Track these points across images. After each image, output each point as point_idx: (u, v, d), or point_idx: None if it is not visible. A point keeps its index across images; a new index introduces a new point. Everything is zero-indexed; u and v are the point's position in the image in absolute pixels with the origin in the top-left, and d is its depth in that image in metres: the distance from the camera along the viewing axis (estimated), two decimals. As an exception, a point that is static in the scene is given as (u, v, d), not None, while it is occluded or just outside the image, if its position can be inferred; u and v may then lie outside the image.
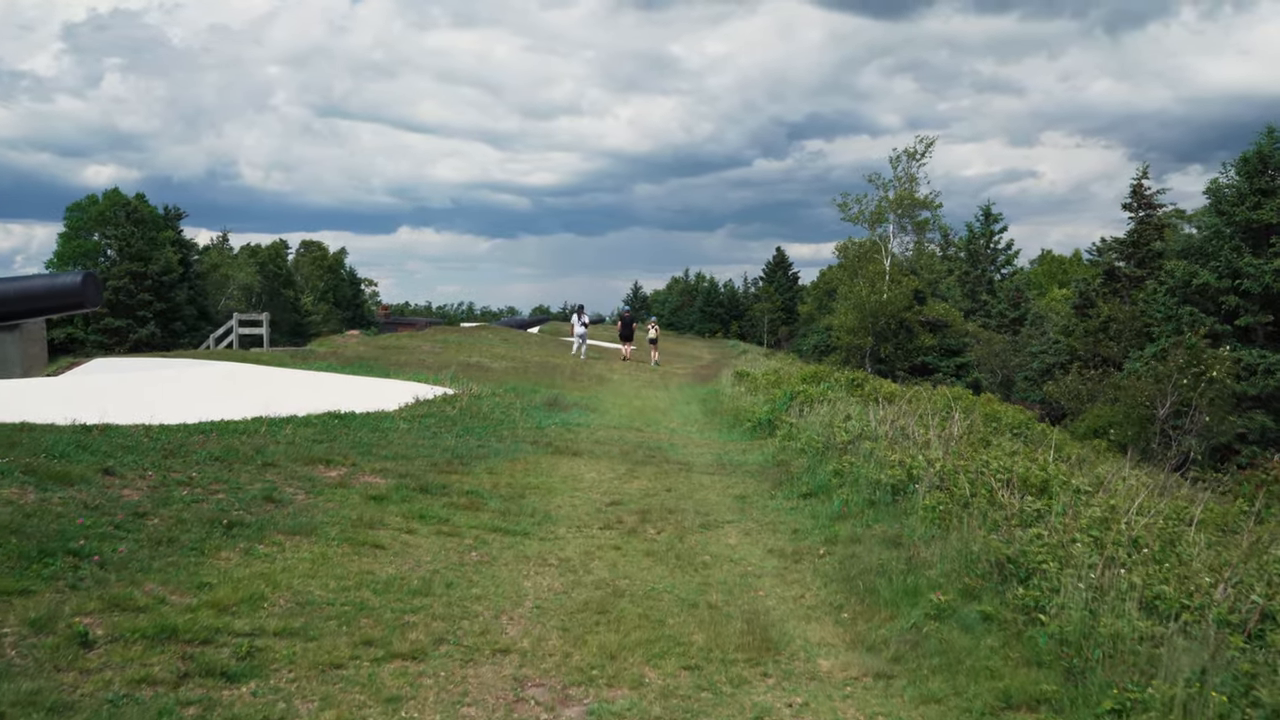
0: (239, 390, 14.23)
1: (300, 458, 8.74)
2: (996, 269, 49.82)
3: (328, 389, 15.50)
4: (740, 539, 7.63)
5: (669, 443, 12.60)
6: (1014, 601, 5.80)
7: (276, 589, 5.27)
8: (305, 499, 7.32)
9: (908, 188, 31.15)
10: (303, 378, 17.10)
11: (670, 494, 9.00)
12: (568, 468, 9.82)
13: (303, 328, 73.66)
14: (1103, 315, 32.67)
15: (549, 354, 31.93)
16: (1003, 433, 14.19)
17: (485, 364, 24.13)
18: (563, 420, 13.97)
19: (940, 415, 13.86)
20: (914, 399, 14.09)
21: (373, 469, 8.62)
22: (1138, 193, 34.49)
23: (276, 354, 24.14)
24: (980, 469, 9.03)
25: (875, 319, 30.29)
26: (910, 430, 11.04)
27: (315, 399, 13.27)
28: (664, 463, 10.77)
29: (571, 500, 8.34)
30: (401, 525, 6.82)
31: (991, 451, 10.31)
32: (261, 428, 10.20)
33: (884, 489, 8.79)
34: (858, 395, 14.35)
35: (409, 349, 27.73)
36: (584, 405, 16.63)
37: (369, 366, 20.64)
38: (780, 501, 9.04)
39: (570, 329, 35.02)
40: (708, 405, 19.06)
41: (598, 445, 11.65)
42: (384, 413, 12.20)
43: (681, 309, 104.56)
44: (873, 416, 11.70)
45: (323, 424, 10.92)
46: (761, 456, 11.43)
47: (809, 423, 12.22)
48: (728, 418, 16.20)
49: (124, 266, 56.62)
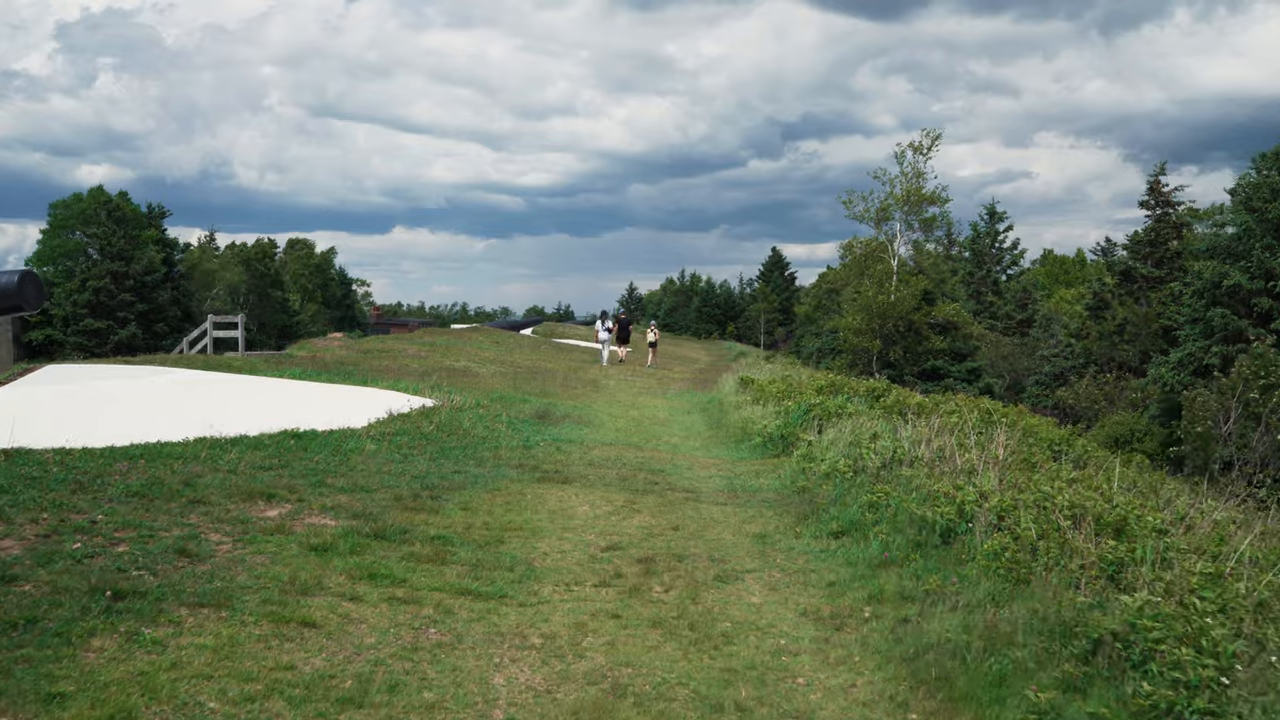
0: (191, 403, 12.82)
1: (237, 491, 7.34)
2: (1002, 269, 48.48)
3: (293, 400, 14.09)
4: (765, 595, 6.24)
5: (671, 463, 11.21)
6: (1139, 702, 4.43)
7: (155, 699, 3.87)
8: (230, 550, 5.92)
9: (915, 183, 29.81)
10: (269, 387, 15.68)
11: (677, 533, 7.61)
12: (557, 500, 8.42)
13: (291, 329, 72.12)
14: (1118, 318, 31.34)
15: (541, 358, 30.53)
16: (1040, 450, 12.83)
17: (472, 369, 22.73)
18: (553, 436, 12.58)
19: (976, 432, 12.51)
20: (943, 412, 12.72)
21: (323, 505, 7.22)
22: (1155, 190, 33.09)
23: (250, 358, 22.70)
24: (1042, 502, 7.67)
25: (883, 320, 28.93)
26: (949, 452, 9.67)
27: (275, 413, 11.87)
28: (668, 490, 9.38)
29: (560, 545, 6.94)
30: (344, 589, 5.42)
31: (1045, 478, 8.95)
32: (202, 451, 8.80)
33: (931, 528, 7.42)
34: (880, 408, 12.98)
35: (393, 353, 26.31)
36: (577, 417, 15.24)
37: (346, 373, 19.24)
38: (807, 542, 7.65)
39: (595, 334, 33.52)
40: (710, 416, 17.68)
41: (592, 469, 10.25)
42: (350, 430, 10.79)
43: (677, 310, 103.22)
44: (905, 435, 10.32)
45: (276, 446, 9.52)
46: (778, 481, 10.05)
47: (830, 441, 10.84)
48: (734, 431, 14.82)
49: (105, 266, 55.06)
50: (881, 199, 30.39)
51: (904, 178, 29.89)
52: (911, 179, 29.72)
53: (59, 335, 53.46)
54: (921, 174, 29.88)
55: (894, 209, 30.22)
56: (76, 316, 53.70)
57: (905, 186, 29.74)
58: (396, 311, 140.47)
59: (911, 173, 29.77)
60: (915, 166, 29.86)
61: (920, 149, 30.21)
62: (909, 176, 29.79)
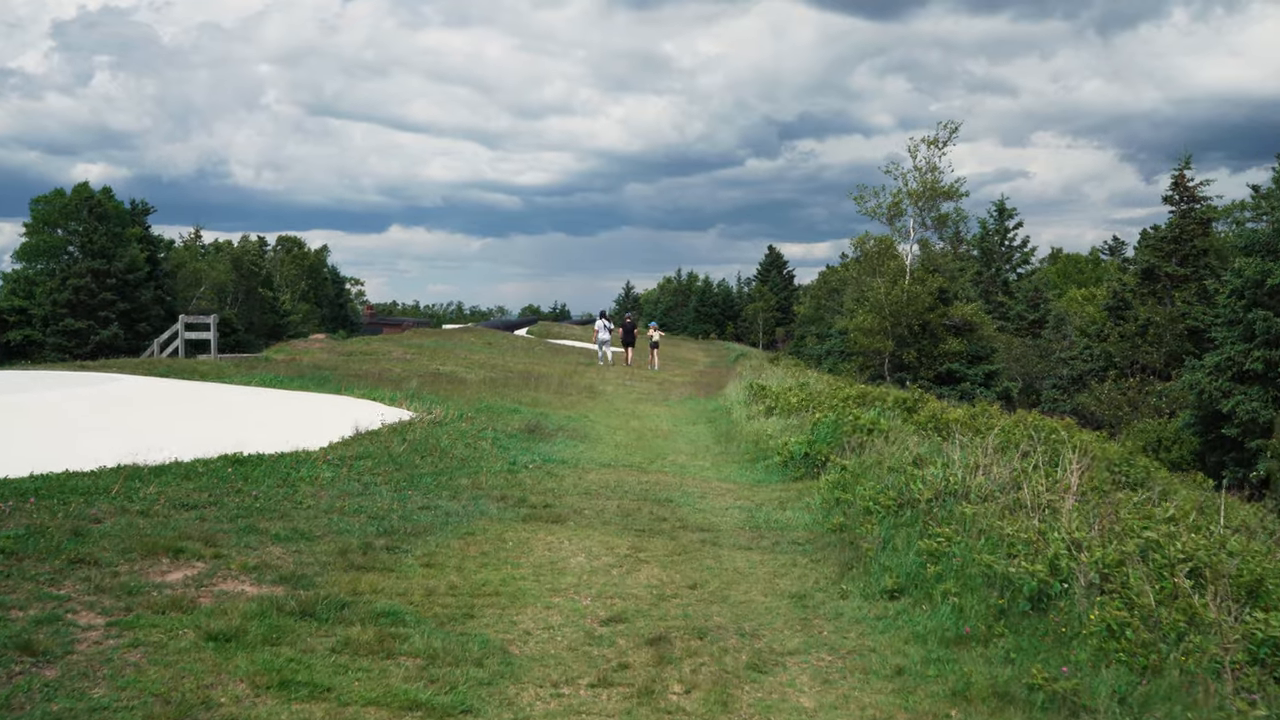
0: (132, 418, 11.26)
1: (139, 544, 5.79)
2: (1012, 268, 46.93)
3: (251, 413, 12.53)
4: (818, 693, 4.71)
5: (680, 489, 9.67)
6: None
7: None
8: (98, 641, 4.38)
9: (930, 177, 28.27)
10: (229, 397, 14.11)
11: (695, 593, 6.07)
12: (545, 547, 6.87)
13: (281, 328, 70.46)
14: (1140, 318, 29.83)
15: (534, 361, 28.98)
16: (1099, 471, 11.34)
17: (459, 374, 21.18)
18: (544, 455, 11.04)
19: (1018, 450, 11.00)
20: (984, 428, 11.20)
21: (245, 564, 5.67)
22: (1179, 184, 31.50)
23: (222, 362, 21.15)
24: (1149, 552, 6.17)
25: (895, 320, 27.36)
26: (1012, 480, 8.14)
27: (225, 430, 10.32)
28: (679, 528, 7.84)
29: (547, 616, 5.40)
30: (240, 709, 3.87)
31: (1136, 515, 7.42)
32: (115, 484, 7.24)
33: (1015, 589, 5.90)
34: (914, 423, 11.44)
35: (376, 355, 24.76)
36: (571, 430, 13.70)
37: (322, 379, 17.68)
38: (857, 604, 6.12)
39: (594, 335, 32.15)
40: (718, 427, 16.14)
41: (588, 499, 8.70)
42: (304, 454, 9.23)
43: (674, 309, 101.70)
44: (955, 459, 8.78)
45: (210, 475, 7.97)
46: (808, 515, 8.51)
47: (866, 465, 9.30)
48: (746, 446, 13.29)
49: (86, 264, 53.36)
50: (894, 193, 28.87)
51: (918, 172, 28.36)
52: (926, 172, 28.20)
53: (38, 335, 51.78)
54: (936, 168, 28.40)
55: (907, 204, 28.67)
56: (56, 316, 52.01)
57: (920, 180, 28.20)
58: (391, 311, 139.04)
59: (925, 166, 28.27)
60: (930, 160, 28.37)
61: (936, 143, 28.71)
62: (923, 170, 28.28)
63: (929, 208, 28.83)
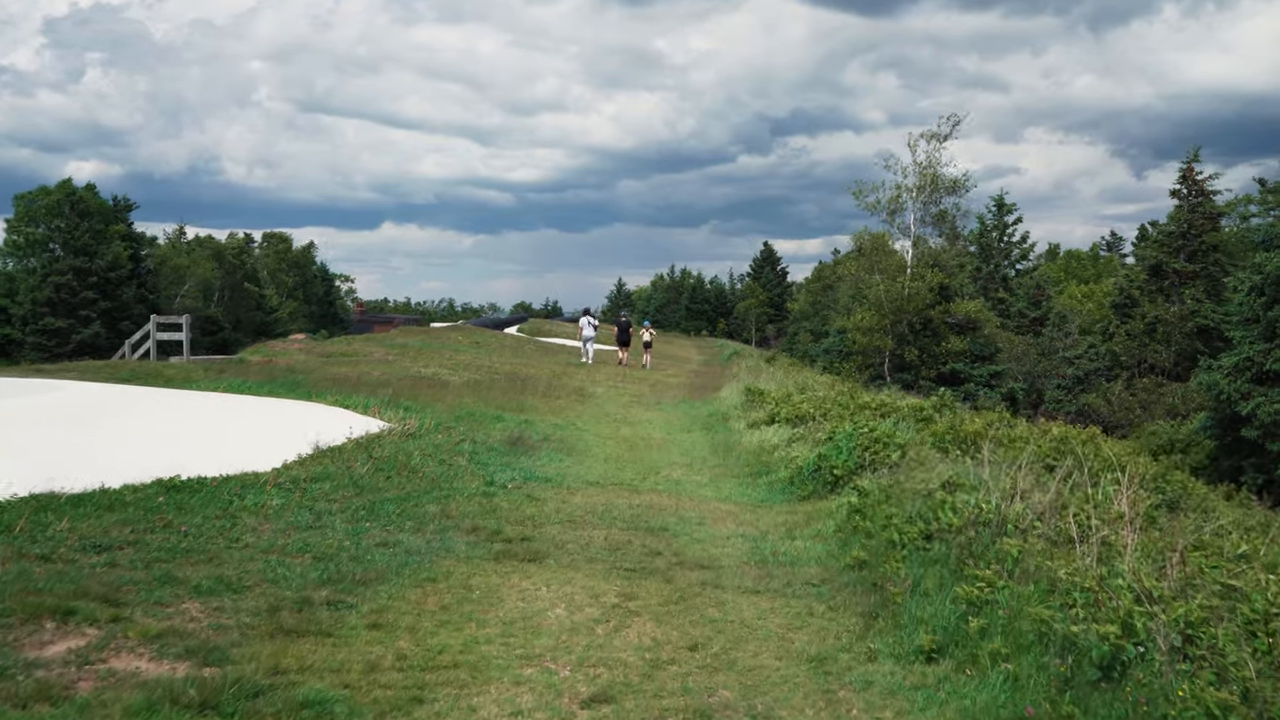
0: (56, 436, 10.20)
1: (23, 603, 4.78)
2: (1011, 264, 45.98)
3: (204, 426, 11.50)
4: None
5: (676, 514, 8.67)
6: None
7: None
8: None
9: (930, 172, 27.23)
10: (184, 406, 13.07)
11: (696, 658, 5.08)
12: (518, 595, 5.86)
13: (268, 326, 69.23)
14: (1148, 316, 28.90)
15: (522, 361, 27.95)
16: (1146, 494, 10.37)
17: (442, 377, 20.15)
18: (526, 472, 10.04)
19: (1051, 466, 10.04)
20: (1008, 440, 10.20)
21: (148, 630, 4.65)
22: (1187, 178, 30.52)
23: (192, 365, 20.10)
24: (1231, 603, 5.21)
25: (896, 317, 26.37)
26: (1052, 506, 7.16)
27: (167, 448, 9.30)
28: (676, 565, 6.84)
29: (515, 698, 4.39)
30: None
31: (1203, 553, 6.45)
32: (19, 519, 6.23)
33: (1080, 654, 4.93)
34: (931, 434, 10.45)
35: (356, 357, 23.71)
36: (558, 441, 12.71)
37: (294, 383, 16.65)
38: (889, 669, 5.13)
39: (578, 332, 31.34)
40: (714, 435, 15.16)
41: (572, 529, 7.70)
42: (253, 476, 8.22)
43: (667, 306, 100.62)
44: (986, 478, 7.79)
45: (139, 505, 6.95)
46: (821, 547, 7.51)
47: (885, 487, 8.30)
48: (746, 459, 12.32)
49: (67, 262, 52.16)
50: (894, 188, 27.86)
51: (918, 166, 27.36)
52: (926, 167, 27.20)
53: (17, 334, 50.58)
54: (938, 162, 27.40)
55: (907, 199, 27.67)
56: (36, 315, 50.81)
57: (920, 175, 27.20)
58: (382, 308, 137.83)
59: (926, 161, 27.27)
60: (930, 155, 27.37)
61: (938, 137, 27.70)
62: (923, 165, 27.28)
63: (931, 202, 27.88)
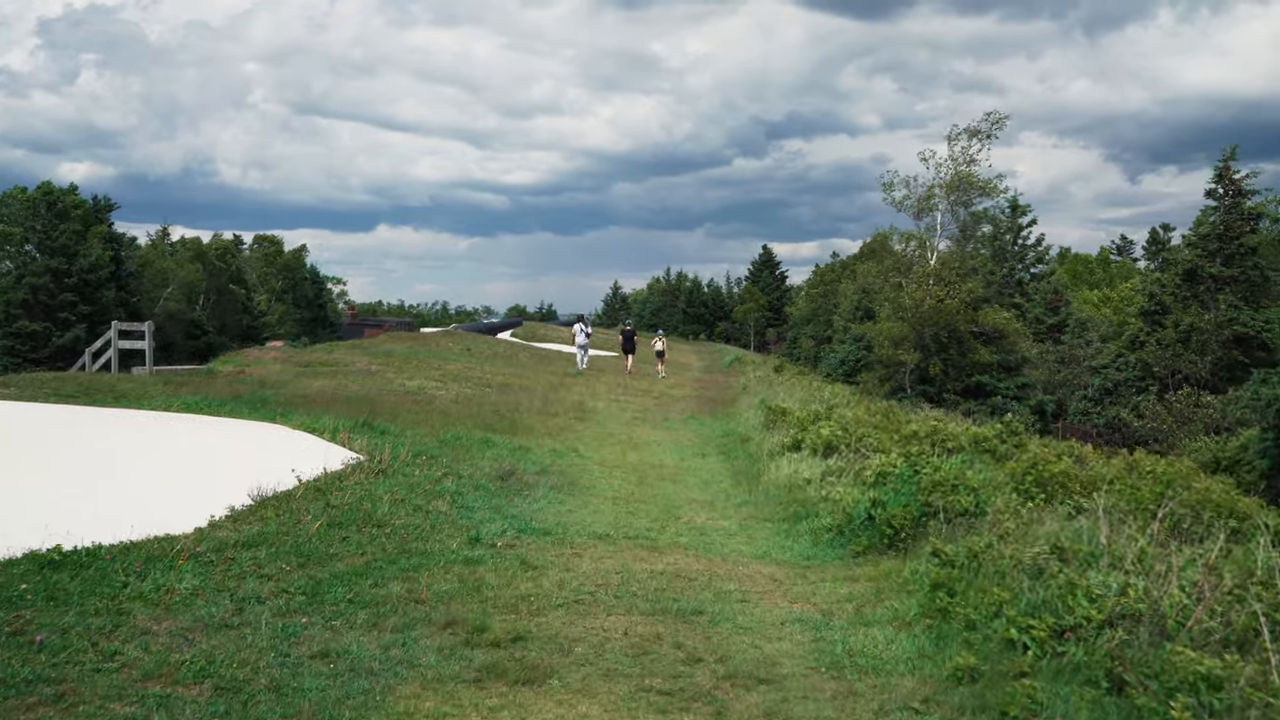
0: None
1: None
2: (1026, 268, 44.26)
3: (131, 463, 9.65)
4: None
5: (710, 585, 6.83)
6: None
7: None
8: None
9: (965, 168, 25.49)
10: (117, 435, 11.22)
11: None
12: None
13: (256, 330, 67.31)
14: (1182, 324, 27.16)
15: (517, 371, 26.14)
16: (1222, 524, 8.62)
17: (429, 392, 18.33)
18: (519, 522, 8.22)
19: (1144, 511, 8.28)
20: (1099, 482, 8.43)
21: None
22: (1224, 178, 28.75)
23: (152, 377, 18.26)
24: None
25: (921, 328, 24.63)
26: (1217, 593, 5.38)
27: (69, 499, 7.47)
28: (723, 679, 5.01)
29: None
30: None
31: None
32: None
33: None
34: (1009, 474, 8.66)
35: (336, 368, 21.85)
36: (557, 474, 10.90)
37: (261, 399, 14.84)
38: None
39: (571, 338, 29.93)
40: (734, 462, 13.37)
41: (580, 616, 5.86)
42: (164, 542, 6.38)
43: (663, 310, 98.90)
44: (1105, 541, 6.00)
45: (-8, 594, 5.13)
46: (909, 643, 5.69)
47: (978, 552, 6.49)
48: (777, 494, 10.53)
49: (44, 263, 50.21)
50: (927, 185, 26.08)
51: (954, 162, 25.62)
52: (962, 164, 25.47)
53: (-10, 339, 48.62)
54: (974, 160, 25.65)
55: (939, 198, 25.92)
56: (11, 318, 48.85)
57: (954, 171, 25.46)
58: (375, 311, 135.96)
59: (962, 157, 25.53)
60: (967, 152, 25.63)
61: (979, 134, 25.93)
62: (959, 162, 25.55)
63: (961, 202, 26.14)
